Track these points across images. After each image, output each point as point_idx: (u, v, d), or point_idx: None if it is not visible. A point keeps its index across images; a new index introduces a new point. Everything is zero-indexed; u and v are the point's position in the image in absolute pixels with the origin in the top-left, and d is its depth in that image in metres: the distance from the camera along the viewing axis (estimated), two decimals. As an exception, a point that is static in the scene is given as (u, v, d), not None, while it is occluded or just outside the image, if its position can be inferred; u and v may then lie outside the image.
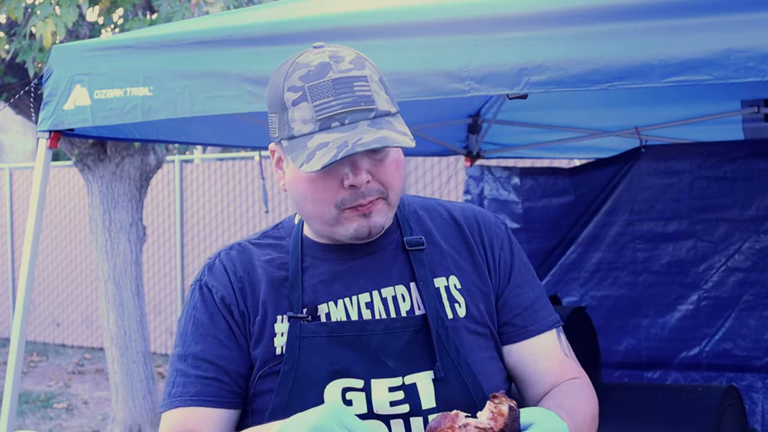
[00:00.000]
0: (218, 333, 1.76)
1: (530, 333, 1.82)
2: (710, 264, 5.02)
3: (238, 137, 4.85)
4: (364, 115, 1.64)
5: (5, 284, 12.73)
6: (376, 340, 1.71)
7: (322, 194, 1.68)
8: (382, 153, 1.69)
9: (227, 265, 1.80)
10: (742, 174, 4.93)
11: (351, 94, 1.64)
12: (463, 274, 1.80)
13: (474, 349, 1.75)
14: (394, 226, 1.82)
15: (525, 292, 1.84)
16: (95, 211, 6.39)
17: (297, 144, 1.66)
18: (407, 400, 1.70)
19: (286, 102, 1.67)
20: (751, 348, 4.93)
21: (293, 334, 1.72)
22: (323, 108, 1.63)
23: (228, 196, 10.62)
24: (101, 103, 3.26)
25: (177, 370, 1.78)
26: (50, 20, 5.13)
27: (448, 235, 1.84)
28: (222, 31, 3.14)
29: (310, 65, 1.66)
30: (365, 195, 1.67)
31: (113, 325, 6.41)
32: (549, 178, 5.54)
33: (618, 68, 2.53)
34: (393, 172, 1.71)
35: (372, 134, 1.62)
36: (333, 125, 1.63)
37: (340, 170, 1.67)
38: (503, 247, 1.85)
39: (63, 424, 8.11)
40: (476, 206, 1.92)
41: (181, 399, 1.75)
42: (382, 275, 1.77)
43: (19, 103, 6.21)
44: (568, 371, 1.82)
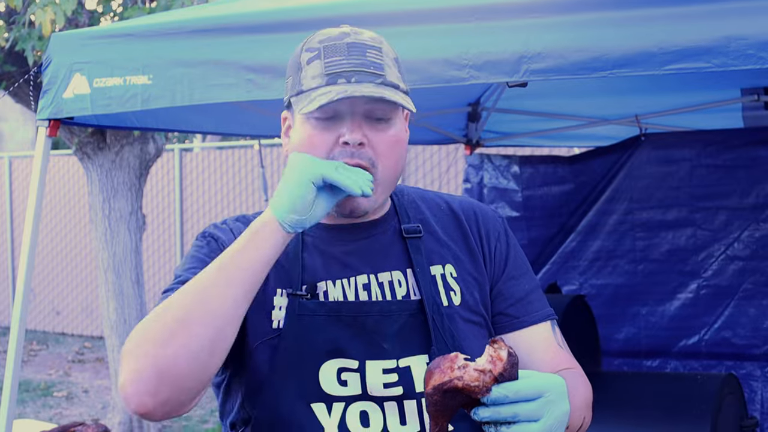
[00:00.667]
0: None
1: (523, 324, 1.83)
2: (710, 252, 5.03)
3: (238, 125, 4.85)
4: (372, 78, 1.67)
5: (5, 273, 12.74)
6: (372, 321, 1.73)
7: (318, 150, 1.69)
8: (384, 124, 1.71)
9: (233, 227, 1.83)
10: (741, 162, 4.93)
11: (362, 58, 1.68)
12: (459, 263, 1.83)
13: (468, 338, 1.77)
14: (392, 213, 1.84)
15: (520, 284, 1.86)
16: (95, 199, 6.39)
17: (302, 97, 1.70)
18: (401, 382, 1.71)
19: (301, 62, 1.72)
20: (750, 336, 4.94)
21: (292, 311, 1.73)
22: (333, 65, 1.68)
23: (228, 184, 10.62)
24: (101, 92, 3.26)
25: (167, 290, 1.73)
26: (49, 8, 5.12)
27: (446, 225, 1.86)
28: (221, 20, 3.14)
29: (331, 33, 1.73)
30: (354, 156, 1.68)
31: (113, 313, 6.42)
32: (548, 166, 5.54)
33: (618, 56, 2.53)
34: (390, 145, 1.72)
35: (374, 90, 1.65)
36: (339, 81, 1.67)
37: (339, 127, 1.69)
38: (499, 238, 1.87)
39: (63, 412, 8.12)
40: (474, 200, 1.94)
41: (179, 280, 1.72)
42: (379, 260, 1.80)
43: (19, 91, 6.20)
44: (562, 362, 1.83)
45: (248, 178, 10.44)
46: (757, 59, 2.38)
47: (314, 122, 1.71)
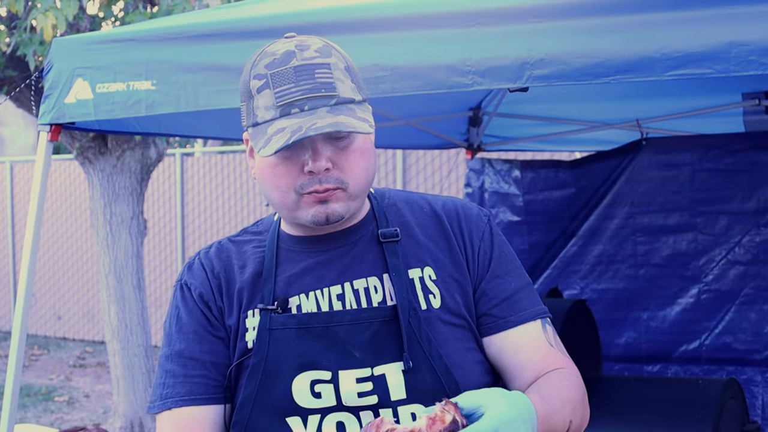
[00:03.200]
0: (198, 328, 1.80)
1: (509, 324, 1.78)
2: (711, 257, 5.02)
3: (240, 130, 4.84)
4: (324, 102, 1.64)
5: (6, 278, 12.74)
6: (343, 331, 1.71)
7: (283, 179, 1.69)
8: (345, 141, 1.69)
9: (205, 263, 1.84)
10: (743, 166, 4.93)
11: (311, 81, 1.65)
12: (440, 265, 1.79)
13: (449, 341, 1.73)
14: (370, 218, 1.82)
15: (505, 283, 1.80)
16: (96, 204, 6.39)
17: (259, 131, 1.68)
18: (376, 391, 1.69)
19: (251, 90, 1.71)
20: (751, 341, 4.94)
21: (263, 326, 1.73)
22: (283, 94, 1.65)
23: (229, 189, 10.62)
24: (104, 97, 3.26)
25: (165, 371, 1.80)
26: (51, 13, 5.13)
27: (427, 227, 1.83)
28: (225, 24, 3.14)
29: (276, 54, 1.69)
30: (322, 182, 1.67)
31: (114, 318, 6.42)
32: (550, 170, 5.54)
33: (620, 62, 2.53)
34: (356, 161, 1.70)
35: (328, 119, 1.62)
36: (293, 111, 1.64)
37: (301, 156, 1.68)
38: (483, 238, 1.82)
39: (64, 417, 8.12)
40: (461, 199, 1.91)
41: (172, 400, 1.77)
42: (354, 267, 1.77)
43: (20, 96, 6.21)
44: (553, 362, 1.78)
45: (249, 182, 10.45)
46: (758, 65, 2.38)
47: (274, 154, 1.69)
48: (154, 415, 1.80)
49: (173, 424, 1.77)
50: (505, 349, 1.77)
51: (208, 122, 4.41)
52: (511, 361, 1.77)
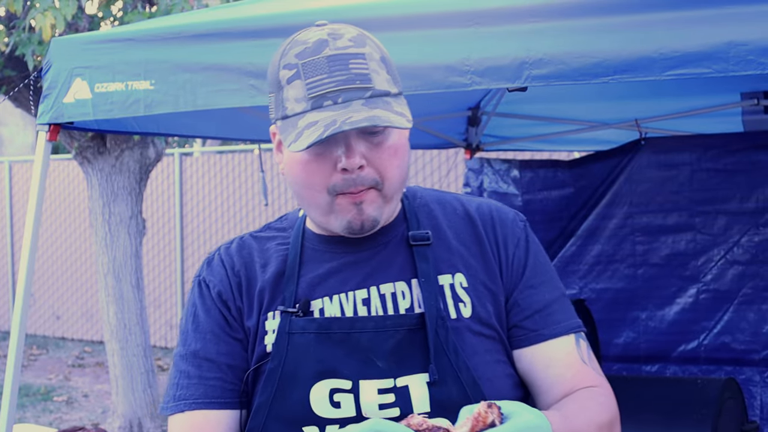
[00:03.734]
0: (216, 328, 1.71)
1: (541, 337, 1.68)
2: (709, 257, 5.02)
3: (239, 130, 4.85)
4: (359, 94, 1.55)
5: (5, 277, 12.74)
6: (366, 338, 1.62)
7: (315, 178, 1.60)
8: (380, 137, 1.60)
9: (225, 259, 1.75)
10: (741, 166, 4.93)
11: (346, 72, 1.56)
12: (472, 272, 1.69)
13: (478, 352, 1.64)
14: (400, 219, 1.73)
15: (538, 294, 1.71)
16: (95, 204, 6.39)
17: (289, 123, 1.58)
18: (398, 403, 1.60)
19: (281, 80, 1.61)
20: (750, 341, 4.93)
21: (282, 329, 1.65)
22: (316, 86, 1.55)
23: (228, 189, 10.62)
24: (102, 97, 3.26)
25: (180, 370, 1.72)
26: (49, 13, 5.13)
27: (459, 231, 1.73)
28: (224, 24, 3.14)
29: (308, 42, 1.60)
30: (356, 183, 1.58)
31: (113, 318, 6.42)
32: (548, 170, 5.54)
33: (618, 62, 2.53)
34: (390, 159, 1.61)
35: (364, 113, 1.53)
36: (325, 104, 1.55)
37: (333, 152, 1.58)
38: (518, 244, 1.73)
39: (63, 417, 8.12)
40: (497, 202, 1.80)
41: (185, 402, 1.69)
42: (382, 271, 1.68)
43: (19, 96, 6.20)
44: (584, 379, 1.68)
45: (248, 182, 10.45)
46: (757, 65, 2.38)
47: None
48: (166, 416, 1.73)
49: (186, 428, 1.69)
50: (536, 363, 1.68)
51: (206, 122, 4.41)
52: (540, 376, 1.68)
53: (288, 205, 10.05)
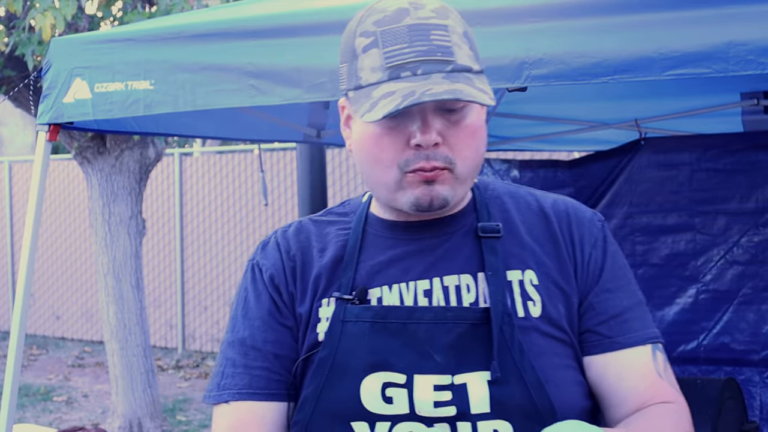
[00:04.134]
0: (265, 315, 1.62)
1: (616, 345, 1.58)
2: (709, 257, 5.02)
3: (238, 130, 4.85)
4: (440, 67, 1.46)
5: (5, 277, 12.74)
6: (423, 330, 1.52)
7: (387, 153, 1.51)
8: (458, 114, 1.50)
9: (281, 243, 1.66)
10: (741, 166, 4.93)
11: (427, 43, 1.46)
12: (543, 269, 1.59)
13: (545, 354, 1.53)
14: (470, 209, 1.63)
15: (615, 298, 1.60)
16: (95, 204, 6.39)
17: (362, 94, 1.49)
18: (455, 401, 1.49)
19: (356, 48, 1.52)
20: (749, 342, 4.93)
21: (336, 317, 1.56)
22: (394, 55, 1.46)
23: (227, 189, 10.62)
24: (102, 97, 3.26)
25: (226, 358, 1.64)
26: (49, 13, 5.13)
27: (532, 226, 1.63)
28: (223, 24, 3.14)
29: (387, 10, 1.51)
30: (429, 158, 1.49)
31: (113, 318, 6.42)
32: (548, 170, 5.54)
33: (618, 62, 2.53)
34: (466, 138, 1.51)
35: (445, 86, 1.43)
36: (403, 75, 1.46)
37: (408, 127, 1.50)
38: (595, 245, 1.62)
39: (63, 417, 8.12)
40: (572, 200, 1.70)
41: (230, 392, 1.61)
42: (446, 261, 1.58)
43: (19, 96, 6.21)
44: (658, 394, 1.56)
45: (248, 182, 10.45)
46: (757, 65, 2.38)
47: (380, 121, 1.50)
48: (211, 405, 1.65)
49: (231, 419, 1.60)
50: (608, 372, 1.57)
51: (206, 122, 4.41)
52: (612, 387, 1.57)
53: (288, 206, 10.06)
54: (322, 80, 2.91)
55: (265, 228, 10.29)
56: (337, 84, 2.89)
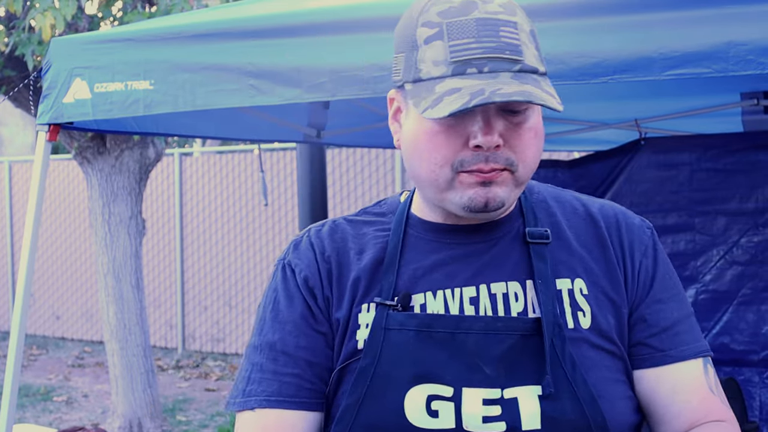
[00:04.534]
0: (298, 319, 1.52)
1: (669, 358, 1.51)
2: (709, 257, 5.02)
3: (238, 130, 4.85)
4: (508, 66, 1.38)
5: (5, 277, 12.74)
6: (472, 340, 1.44)
7: (441, 152, 1.42)
8: (521, 116, 1.43)
9: (315, 243, 1.56)
10: (741, 166, 4.93)
11: (495, 40, 1.38)
12: (593, 278, 1.52)
13: (596, 367, 1.46)
14: (517, 213, 1.55)
15: (667, 310, 1.53)
16: (95, 204, 6.39)
17: (423, 87, 1.41)
18: (504, 417, 1.41)
19: (417, 39, 1.42)
20: (749, 342, 4.93)
21: (378, 324, 1.47)
22: (461, 50, 1.38)
23: (227, 189, 10.62)
24: (102, 97, 3.26)
25: (252, 363, 1.54)
26: (49, 13, 5.13)
27: (580, 233, 1.55)
28: (223, 24, 3.14)
29: (453, 1, 1.42)
30: (488, 160, 1.41)
31: (113, 318, 6.42)
32: (548, 170, 5.53)
33: (618, 61, 2.53)
34: (529, 142, 1.44)
35: (514, 86, 1.35)
36: (469, 71, 1.37)
37: (468, 126, 1.41)
38: (646, 253, 1.55)
39: (63, 417, 8.12)
40: (619, 205, 1.63)
41: (256, 399, 1.51)
42: (493, 268, 1.50)
43: (18, 96, 6.21)
44: (712, 411, 1.49)
45: (248, 182, 10.45)
46: (757, 65, 2.38)
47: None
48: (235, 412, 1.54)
49: (256, 427, 1.50)
50: (660, 387, 1.50)
51: (206, 122, 4.41)
52: (664, 402, 1.50)
53: (288, 206, 10.06)
54: (321, 80, 2.91)
55: (265, 228, 10.30)
56: (336, 84, 2.92)
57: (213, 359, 10.41)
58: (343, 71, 2.88)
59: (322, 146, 6.49)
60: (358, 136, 5.56)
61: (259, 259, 10.32)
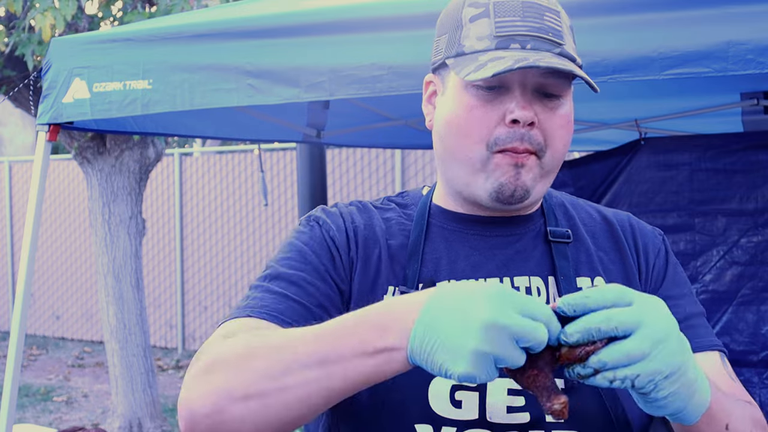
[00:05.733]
0: (319, 266, 1.48)
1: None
2: (708, 257, 5.02)
3: (238, 130, 4.85)
4: (550, 47, 1.42)
5: (5, 278, 12.74)
6: None
7: (477, 127, 1.44)
8: (555, 102, 1.45)
9: (344, 212, 1.56)
10: (741, 166, 4.93)
11: (539, 21, 1.42)
12: (611, 277, 1.54)
13: None
14: (539, 213, 1.58)
15: (679, 305, 1.53)
16: (95, 204, 6.39)
17: (466, 59, 1.43)
18: (529, 407, 1.41)
19: (462, 18, 1.46)
20: (749, 342, 4.93)
21: None
22: (506, 25, 1.42)
23: (227, 189, 10.62)
24: (100, 96, 3.26)
25: (255, 287, 1.47)
26: (49, 13, 5.13)
27: (597, 235, 1.59)
28: (222, 24, 3.14)
29: None
30: (524, 139, 1.43)
31: (113, 318, 6.42)
32: (548, 170, 5.53)
33: (618, 61, 2.53)
34: (561, 127, 1.46)
35: (557, 61, 1.40)
36: (512, 46, 1.41)
37: (505, 103, 1.43)
38: (659, 254, 1.59)
39: (63, 417, 8.12)
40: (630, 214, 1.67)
41: (250, 309, 1.42)
42: (517, 262, 1.52)
43: (18, 96, 6.21)
44: (738, 394, 1.48)
45: (248, 182, 10.45)
46: (756, 64, 2.38)
47: (475, 91, 1.44)
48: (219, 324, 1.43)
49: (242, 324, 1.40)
50: None
51: (206, 122, 4.41)
52: None
53: (288, 206, 10.06)
54: (320, 80, 2.91)
55: (265, 228, 10.30)
56: (335, 84, 2.92)
57: (213, 359, 10.40)
58: (342, 71, 2.88)
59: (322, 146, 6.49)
60: (358, 136, 5.56)
61: (259, 259, 10.32)
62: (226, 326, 1.40)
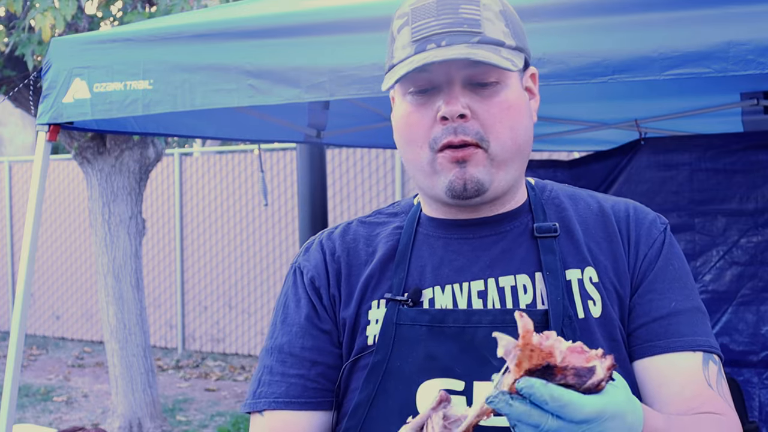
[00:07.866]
0: (303, 320, 1.57)
1: (657, 349, 1.48)
2: (708, 257, 5.02)
3: (238, 130, 4.85)
4: (465, 38, 1.43)
5: (5, 277, 12.74)
6: (482, 334, 1.44)
7: (416, 130, 1.48)
8: (490, 89, 1.46)
9: (325, 244, 1.61)
10: (741, 166, 4.93)
11: (454, 16, 1.44)
12: (601, 268, 1.52)
13: None
14: (525, 209, 1.58)
15: (662, 300, 1.51)
16: (95, 204, 6.39)
17: (393, 70, 1.49)
18: None
19: (393, 31, 1.52)
20: (748, 343, 4.93)
21: (389, 320, 1.49)
22: (421, 28, 1.45)
23: (227, 189, 10.62)
24: (101, 96, 3.26)
25: (264, 366, 1.59)
26: (49, 13, 5.13)
27: (590, 226, 1.57)
28: (222, 24, 3.14)
29: None
30: (457, 132, 1.45)
31: (113, 318, 6.42)
32: (548, 170, 5.53)
33: (618, 61, 2.53)
34: (500, 114, 1.46)
35: (459, 50, 1.41)
36: (428, 47, 1.44)
37: (435, 102, 1.47)
38: (653, 246, 1.55)
39: (63, 417, 8.12)
40: (638, 203, 1.63)
41: (265, 401, 1.55)
42: (502, 261, 1.52)
43: (18, 96, 6.21)
44: (706, 404, 1.44)
45: (248, 182, 10.45)
46: (756, 64, 2.38)
47: (410, 98, 1.49)
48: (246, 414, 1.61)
49: (264, 430, 1.55)
50: (650, 378, 1.48)
51: (206, 122, 4.41)
52: (652, 393, 1.47)
53: (288, 206, 10.06)
54: (320, 80, 2.91)
55: (265, 228, 10.30)
56: (335, 84, 2.92)
57: (213, 359, 10.41)
58: (342, 71, 2.88)
59: (322, 146, 6.49)
60: (358, 136, 5.56)
61: (259, 259, 10.32)
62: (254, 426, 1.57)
